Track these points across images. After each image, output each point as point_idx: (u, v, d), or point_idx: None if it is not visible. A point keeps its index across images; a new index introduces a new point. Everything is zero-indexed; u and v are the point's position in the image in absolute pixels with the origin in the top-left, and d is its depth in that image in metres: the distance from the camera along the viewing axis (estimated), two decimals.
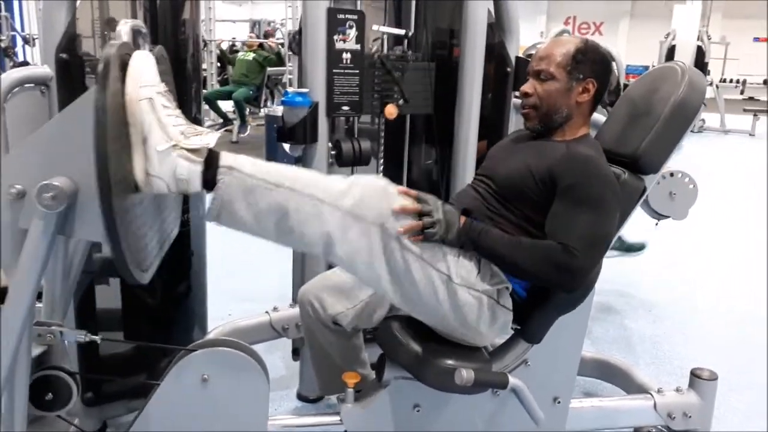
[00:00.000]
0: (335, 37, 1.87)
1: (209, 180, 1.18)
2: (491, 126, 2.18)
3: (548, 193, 1.38)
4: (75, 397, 1.33)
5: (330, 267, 1.88)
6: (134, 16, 1.82)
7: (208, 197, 1.24)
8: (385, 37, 2.14)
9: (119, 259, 1.11)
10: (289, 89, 1.86)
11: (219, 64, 9.09)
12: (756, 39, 18.51)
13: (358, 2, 2.01)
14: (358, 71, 1.92)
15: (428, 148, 2.33)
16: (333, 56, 1.87)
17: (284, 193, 1.21)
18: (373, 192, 1.27)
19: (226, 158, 1.20)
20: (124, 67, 1.11)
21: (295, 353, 2.17)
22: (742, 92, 11.84)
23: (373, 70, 2.00)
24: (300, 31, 1.90)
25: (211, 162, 1.18)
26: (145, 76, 1.12)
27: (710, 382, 1.76)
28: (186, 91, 1.99)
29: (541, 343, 1.55)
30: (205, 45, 8.38)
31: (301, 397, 2.19)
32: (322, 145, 1.93)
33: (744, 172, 7.54)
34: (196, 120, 2.03)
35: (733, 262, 3.95)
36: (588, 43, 1.47)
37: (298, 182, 1.23)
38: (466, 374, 1.31)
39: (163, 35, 1.87)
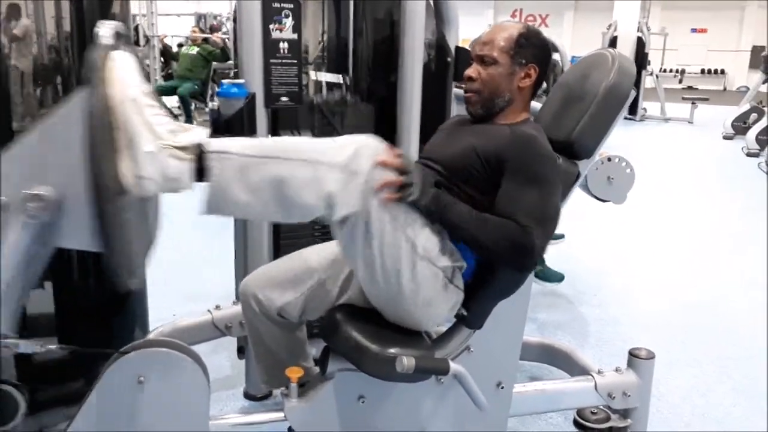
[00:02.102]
0: (271, 27, 1.83)
1: (200, 171, 1.15)
2: (433, 117, 2.18)
3: (494, 174, 1.39)
4: (22, 409, 1.29)
5: (274, 259, 1.86)
6: (58, 10, 1.74)
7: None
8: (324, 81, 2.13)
9: (113, 265, 1.11)
10: (225, 81, 1.81)
11: (162, 60, 8.87)
12: (693, 30, 19.19)
13: None
14: (296, 61, 1.89)
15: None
16: (269, 46, 1.84)
17: (277, 163, 1.18)
18: (364, 149, 1.24)
19: (213, 144, 1.17)
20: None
21: (240, 351, 2.13)
22: (680, 81, 12.25)
23: (313, 114, 1.99)
24: (235, 21, 1.85)
25: (199, 154, 1.15)
26: (128, 77, 1.09)
27: (647, 360, 1.81)
28: None
29: (483, 329, 1.56)
30: (147, 41, 8.16)
31: (248, 395, 2.16)
32: (262, 137, 1.89)
33: (684, 158, 7.81)
34: None
35: (673, 247, 4.08)
36: (530, 28, 1.49)
37: (288, 150, 1.21)
38: (407, 361, 1.30)
39: (89, 31, 1.80)
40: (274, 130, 1.93)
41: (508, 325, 1.61)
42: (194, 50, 7.75)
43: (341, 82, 2.17)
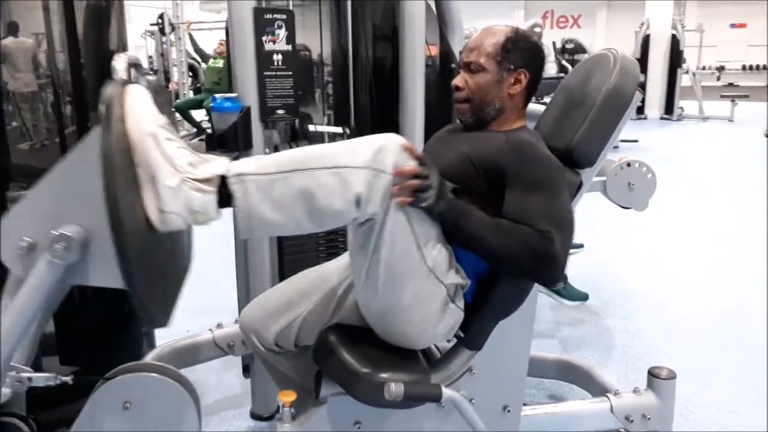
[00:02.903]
0: (264, 39, 1.78)
1: (225, 198, 1.12)
2: (438, 127, 2.10)
3: (492, 183, 1.31)
4: None
5: (282, 279, 1.80)
6: (48, 23, 1.73)
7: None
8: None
9: (140, 303, 1.09)
10: (217, 95, 1.77)
11: (191, 73, 8.99)
12: (732, 25, 18.60)
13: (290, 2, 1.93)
14: (291, 73, 1.83)
15: None
16: (263, 58, 1.79)
17: (300, 176, 1.14)
18: (390, 143, 1.19)
19: (233, 168, 1.14)
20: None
21: (246, 370, 2.08)
22: (718, 78, 11.87)
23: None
24: (227, 33, 1.82)
25: (221, 182, 1.12)
26: (144, 112, 1.07)
27: (668, 381, 1.69)
28: None
29: (485, 350, 1.48)
30: (173, 28, 8.25)
31: (254, 415, 2.11)
32: (258, 151, 1.84)
33: (721, 158, 7.52)
34: None
35: (710, 253, 3.89)
36: (518, 32, 1.40)
37: (309, 160, 1.16)
38: (395, 388, 1.22)
39: (87, 48, 1.79)
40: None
41: (512, 345, 1.52)
42: (220, 63, 7.81)
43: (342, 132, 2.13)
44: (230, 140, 1.77)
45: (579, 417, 1.68)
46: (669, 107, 11.01)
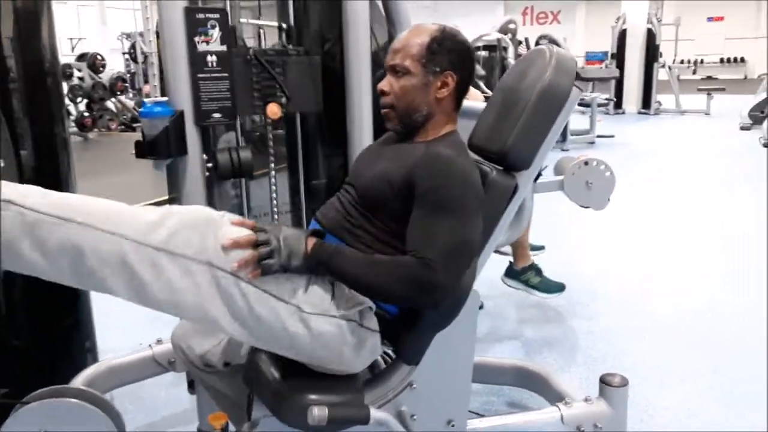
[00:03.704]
0: (197, 39, 1.70)
1: None
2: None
3: (408, 200, 1.23)
4: None
5: None
6: None
7: None
8: (263, 31, 1.98)
9: None
10: (146, 100, 1.68)
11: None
12: (710, 18, 18.73)
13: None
14: (227, 74, 1.75)
15: (325, 153, 2.17)
16: (196, 60, 1.71)
17: (76, 228, 1.05)
18: (192, 223, 1.12)
19: (4, 190, 1.04)
20: None
21: (191, 386, 1.99)
22: (694, 72, 11.92)
23: (250, 67, 1.85)
24: (158, 35, 1.73)
25: None
26: None
27: (621, 389, 1.63)
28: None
29: (426, 363, 1.41)
30: (146, 58, 8.15)
31: None
32: (194, 157, 1.76)
33: (697, 151, 7.54)
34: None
35: (682, 252, 3.85)
36: (445, 31, 1.31)
37: (95, 215, 1.07)
38: (318, 412, 1.15)
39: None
40: None
41: (454, 357, 1.45)
42: None
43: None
44: (162, 146, 1.69)
45: (529, 428, 1.62)
46: (646, 102, 11.04)
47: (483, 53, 7.71)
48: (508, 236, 2.39)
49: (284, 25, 1.98)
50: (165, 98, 1.70)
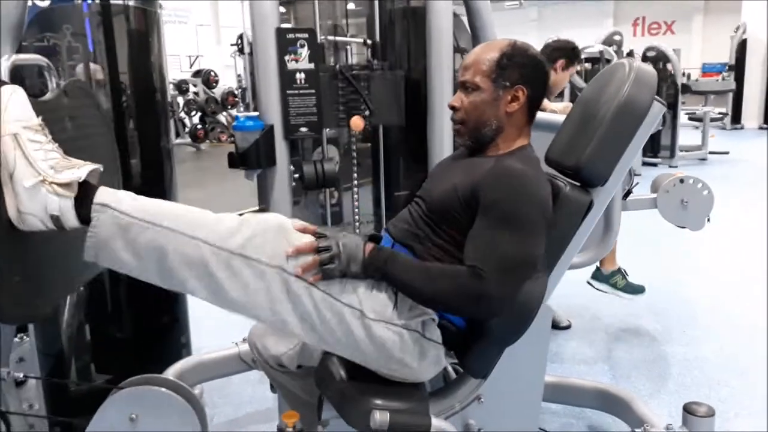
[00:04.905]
0: (286, 58, 1.80)
1: (84, 216, 1.13)
2: None
3: (473, 213, 1.24)
4: None
5: None
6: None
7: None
8: (349, 47, 2.06)
9: None
10: (240, 114, 1.80)
11: None
12: None
13: (316, 19, 1.95)
14: (314, 91, 1.84)
15: (406, 166, 2.21)
16: (286, 77, 1.81)
17: (162, 232, 1.14)
18: (266, 230, 1.18)
19: (102, 194, 1.14)
20: None
21: (273, 385, 2.09)
22: None
23: (336, 82, 1.93)
24: (251, 54, 1.85)
25: (86, 196, 1.13)
26: (10, 112, 1.09)
27: (706, 419, 1.54)
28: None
29: (495, 378, 1.41)
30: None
31: (280, 431, 2.11)
32: (282, 168, 1.86)
33: None
34: None
35: None
36: (515, 46, 1.32)
37: (180, 221, 1.15)
38: (380, 417, 1.19)
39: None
40: None
41: (523, 373, 1.44)
42: None
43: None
44: (252, 158, 1.80)
45: None
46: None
47: (586, 65, 7.50)
48: (595, 253, 2.32)
49: (369, 41, 2.05)
50: (257, 113, 1.81)
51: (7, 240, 1.10)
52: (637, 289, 2.87)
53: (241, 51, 9.36)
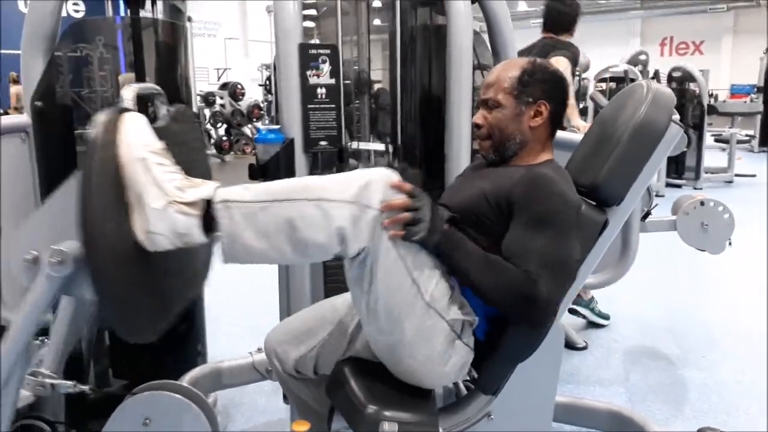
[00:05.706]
0: (308, 73, 1.84)
1: (211, 223, 1.16)
2: None
3: (505, 218, 1.27)
4: None
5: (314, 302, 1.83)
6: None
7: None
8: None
9: (111, 314, 1.14)
10: (262, 127, 1.84)
11: None
12: None
13: (339, 35, 1.99)
14: (334, 106, 1.87)
15: (423, 181, 2.23)
16: (307, 92, 1.84)
17: (283, 205, 1.16)
18: (378, 179, 1.18)
19: (220, 193, 1.18)
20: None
21: (286, 396, 2.11)
22: None
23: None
24: (274, 69, 1.89)
25: (208, 207, 1.17)
26: (137, 138, 1.15)
27: None
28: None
29: (506, 395, 1.41)
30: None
31: None
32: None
33: None
34: None
35: None
36: (535, 63, 1.36)
37: (294, 191, 1.18)
38: (388, 428, 1.20)
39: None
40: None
41: (534, 391, 1.43)
42: None
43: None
44: (272, 170, 1.83)
45: None
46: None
47: (610, 84, 7.48)
48: (613, 275, 2.31)
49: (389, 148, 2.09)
50: (278, 126, 1.84)
51: (135, 260, 1.14)
52: (605, 316, 3.12)
53: (268, 91, 9.55)
